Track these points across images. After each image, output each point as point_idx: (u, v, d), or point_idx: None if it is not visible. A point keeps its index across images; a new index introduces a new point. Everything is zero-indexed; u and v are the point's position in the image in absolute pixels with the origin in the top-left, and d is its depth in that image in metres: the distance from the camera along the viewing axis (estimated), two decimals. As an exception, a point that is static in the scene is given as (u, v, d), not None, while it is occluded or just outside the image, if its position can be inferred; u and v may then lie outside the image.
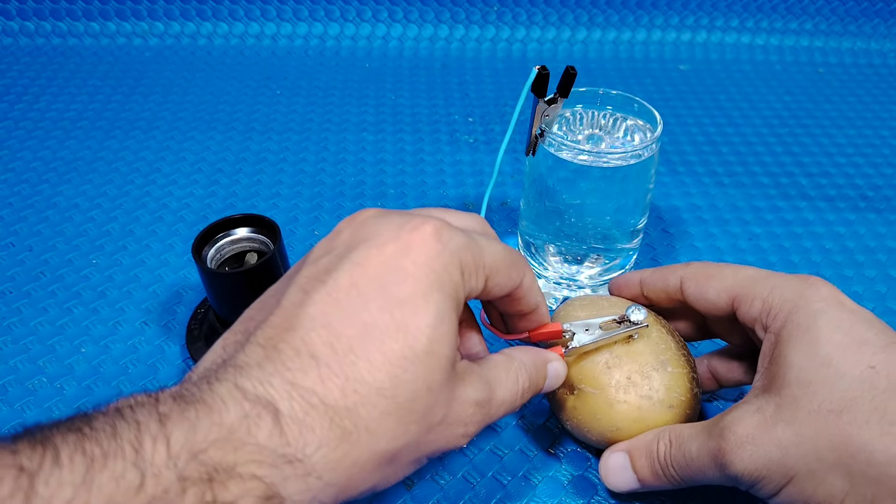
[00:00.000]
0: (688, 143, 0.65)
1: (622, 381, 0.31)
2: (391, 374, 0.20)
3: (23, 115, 0.67)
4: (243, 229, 0.39)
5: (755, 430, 0.26)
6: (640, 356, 0.31)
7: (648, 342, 0.32)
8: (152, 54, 0.79)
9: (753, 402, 0.27)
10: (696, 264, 0.33)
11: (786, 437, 0.25)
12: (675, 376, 0.31)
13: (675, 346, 0.32)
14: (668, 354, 0.32)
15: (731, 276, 0.31)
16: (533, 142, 0.39)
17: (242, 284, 0.36)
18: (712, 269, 0.32)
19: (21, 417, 0.38)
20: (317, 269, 0.22)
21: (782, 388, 0.26)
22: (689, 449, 0.28)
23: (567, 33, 0.84)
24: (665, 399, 0.31)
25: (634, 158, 0.37)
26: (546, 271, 0.43)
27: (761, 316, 0.29)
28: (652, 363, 0.31)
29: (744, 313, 0.29)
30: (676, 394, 0.31)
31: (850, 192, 0.58)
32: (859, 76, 0.79)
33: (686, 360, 0.32)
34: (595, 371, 0.31)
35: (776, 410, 0.26)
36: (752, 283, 0.29)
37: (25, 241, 0.51)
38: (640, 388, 0.31)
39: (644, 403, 0.31)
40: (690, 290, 0.32)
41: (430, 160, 0.62)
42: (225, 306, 0.38)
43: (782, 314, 0.28)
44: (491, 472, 0.35)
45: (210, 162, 0.60)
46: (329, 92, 0.73)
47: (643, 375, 0.31)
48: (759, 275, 0.30)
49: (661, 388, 0.31)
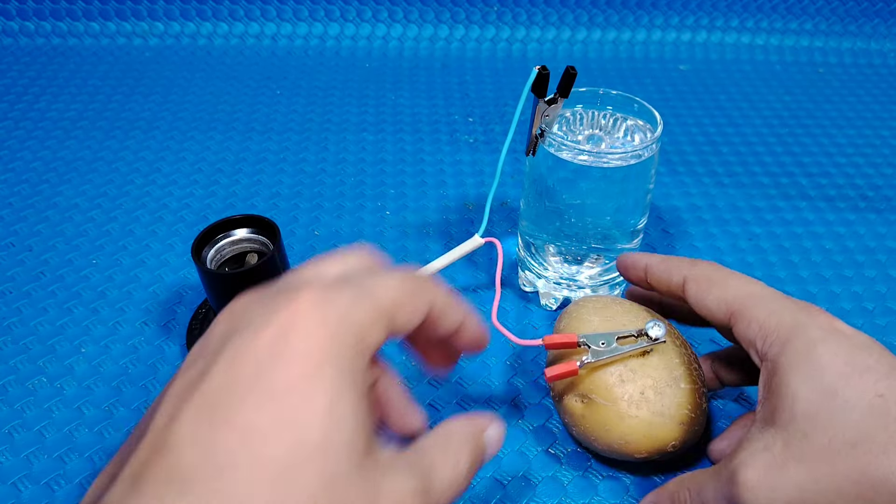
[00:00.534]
0: (688, 143, 0.65)
1: (635, 396, 0.31)
2: (278, 484, 0.17)
3: (23, 115, 0.67)
4: (243, 230, 0.39)
5: (766, 472, 0.25)
6: (654, 371, 0.31)
7: (663, 357, 0.32)
8: (152, 54, 0.79)
9: (759, 439, 0.26)
10: (703, 266, 0.32)
11: (800, 476, 0.24)
12: (687, 392, 0.31)
13: (688, 361, 0.32)
14: (682, 370, 0.32)
15: (732, 289, 0.30)
16: (533, 142, 0.39)
17: (242, 285, 0.36)
18: (717, 276, 0.31)
19: (21, 417, 0.38)
20: (189, 377, 0.19)
21: (788, 422, 0.25)
22: (705, 496, 0.27)
23: (567, 33, 0.84)
24: (676, 416, 0.31)
25: (634, 158, 0.37)
26: (546, 271, 0.43)
27: (757, 340, 0.28)
28: (666, 379, 0.31)
29: (740, 332, 0.29)
30: (687, 410, 0.31)
31: (850, 192, 0.58)
32: (859, 76, 0.79)
33: (697, 375, 0.32)
34: (608, 383, 0.31)
35: (785, 448, 0.25)
36: (751, 303, 0.29)
37: (25, 241, 0.51)
38: (653, 405, 0.31)
39: (656, 420, 0.31)
40: (692, 292, 0.31)
41: (430, 160, 0.62)
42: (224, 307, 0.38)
43: (779, 341, 0.27)
44: (490, 473, 0.35)
45: (210, 162, 0.60)
46: (329, 92, 0.73)
47: (657, 391, 0.31)
48: (761, 294, 0.29)
49: (673, 404, 0.31)
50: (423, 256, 0.49)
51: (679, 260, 0.33)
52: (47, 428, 0.37)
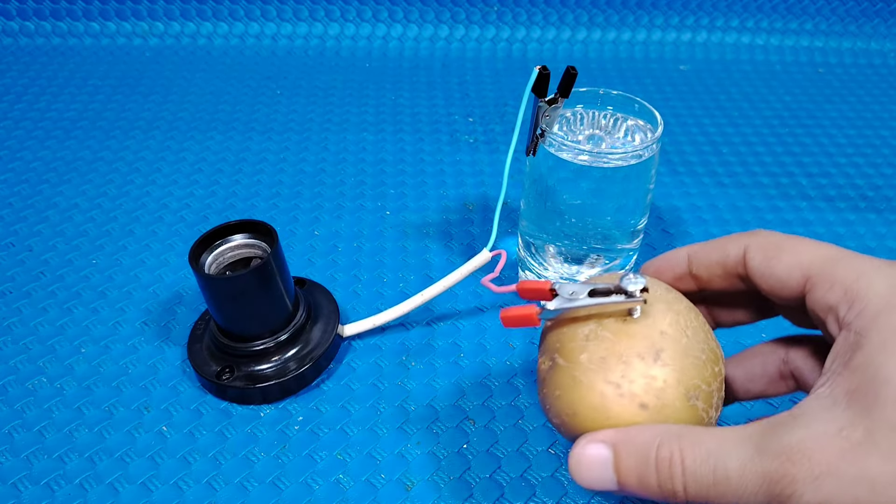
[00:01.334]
0: (688, 143, 0.65)
1: (593, 360, 0.25)
2: None
3: (23, 115, 0.67)
4: (240, 236, 0.38)
5: (838, 459, 0.20)
6: (629, 338, 0.25)
7: (651, 324, 0.25)
8: (152, 54, 0.79)
9: (830, 420, 0.21)
10: (765, 233, 0.26)
11: (881, 474, 0.20)
12: (667, 373, 0.24)
13: (689, 343, 0.25)
14: (670, 346, 0.25)
15: (808, 251, 0.25)
16: (533, 142, 0.39)
17: (239, 290, 0.36)
18: (785, 240, 0.26)
19: (21, 417, 0.38)
20: None
21: (873, 407, 0.21)
22: (723, 466, 0.22)
23: (567, 33, 0.84)
24: (638, 394, 0.24)
25: (635, 159, 0.37)
26: (546, 271, 0.43)
27: (840, 306, 0.23)
28: (639, 349, 0.25)
29: (817, 298, 0.24)
30: (657, 393, 0.24)
31: (850, 193, 0.58)
32: (859, 76, 0.79)
33: (698, 365, 0.25)
34: (574, 339, 0.26)
35: (867, 436, 0.20)
36: (833, 264, 0.24)
37: (25, 241, 0.51)
38: (611, 373, 0.24)
39: (609, 391, 0.24)
40: (756, 262, 0.26)
41: (430, 160, 0.62)
42: (221, 313, 0.38)
43: (870, 310, 0.22)
44: (490, 473, 0.35)
45: (210, 162, 0.60)
46: (329, 92, 0.73)
47: (620, 359, 0.24)
48: (842, 255, 0.24)
49: (639, 379, 0.24)
50: (423, 256, 0.49)
51: (729, 236, 0.28)
52: (47, 428, 0.37)
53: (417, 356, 0.42)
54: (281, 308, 0.38)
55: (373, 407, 0.39)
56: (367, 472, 0.35)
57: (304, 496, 0.34)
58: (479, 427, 0.37)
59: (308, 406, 0.39)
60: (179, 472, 0.35)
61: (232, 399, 0.38)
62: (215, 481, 0.35)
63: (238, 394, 0.38)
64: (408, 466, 0.35)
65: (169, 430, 0.37)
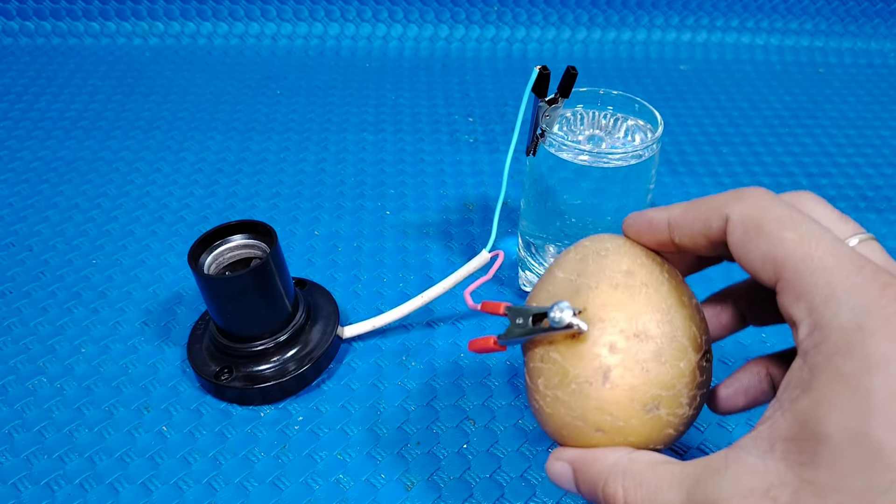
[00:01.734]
0: (688, 143, 0.65)
1: (550, 386, 0.25)
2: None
3: (23, 115, 0.67)
4: (239, 236, 0.38)
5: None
6: (578, 360, 0.24)
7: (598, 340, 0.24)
8: (152, 54, 0.79)
9: (762, 474, 0.20)
10: (754, 196, 0.23)
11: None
12: (617, 394, 0.23)
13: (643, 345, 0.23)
14: (620, 361, 0.23)
15: (785, 244, 0.22)
16: (533, 142, 0.39)
17: (238, 290, 0.36)
18: (767, 216, 0.22)
19: (21, 417, 0.38)
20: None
21: (806, 467, 0.19)
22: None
23: (567, 33, 0.84)
24: (592, 422, 0.24)
25: (635, 159, 0.37)
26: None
27: (801, 326, 0.21)
28: (587, 373, 0.23)
29: (784, 305, 0.22)
30: (610, 417, 0.23)
31: (850, 193, 0.58)
32: (859, 76, 0.79)
33: (659, 367, 0.23)
34: (532, 360, 0.26)
35: (793, 500, 0.19)
36: (805, 271, 0.21)
37: (25, 241, 0.51)
38: (564, 404, 0.24)
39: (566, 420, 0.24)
40: (734, 238, 0.23)
41: (430, 160, 0.62)
42: (221, 314, 0.38)
43: (827, 348, 0.20)
44: (490, 473, 0.35)
45: (210, 162, 0.60)
46: (329, 92, 0.73)
47: (570, 387, 0.24)
48: (821, 257, 0.21)
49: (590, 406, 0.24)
50: (422, 256, 0.49)
51: (714, 198, 0.24)
52: (47, 428, 0.37)
53: (417, 356, 0.42)
54: (280, 308, 0.38)
55: (373, 407, 0.39)
56: (367, 472, 0.35)
57: (304, 496, 0.34)
58: (479, 427, 0.37)
59: (308, 406, 0.39)
60: (179, 472, 0.35)
61: (231, 399, 0.38)
62: (215, 481, 0.35)
63: (237, 394, 0.38)
64: (408, 466, 0.35)
65: (169, 430, 0.37)
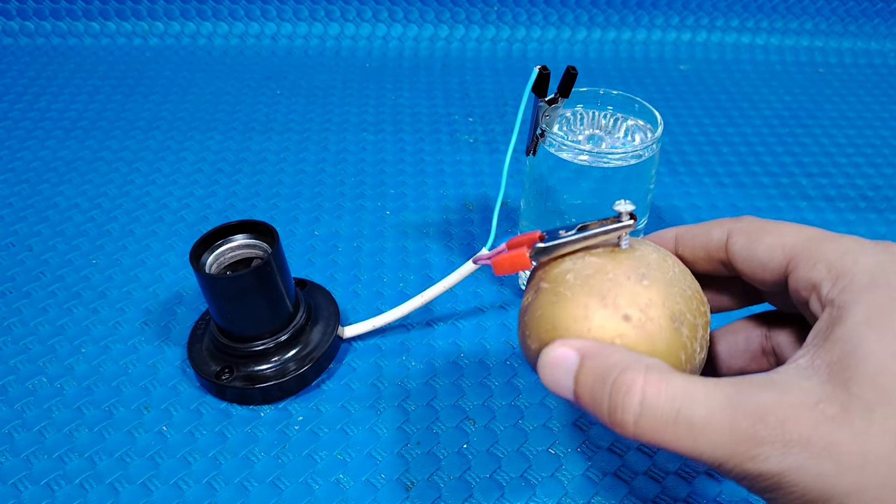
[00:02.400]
0: (688, 143, 0.65)
1: (580, 277, 0.24)
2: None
3: (23, 115, 0.67)
4: (241, 236, 0.38)
5: (811, 431, 0.19)
6: (617, 263, 0.25)
7: (638, 255, 0.25)
8: (152, 54, 0.79)
9: (808, 390, 0.20)
10: (750, 218, 0.26)
11: (850, 453, 0.19)
12: (652, 293, 0.24)
13: (675, 277, 0.25)
14: (655, 273, 0.24)
15: (791, 233, 0.24)
16: (533, 142, 0.39)
17: (240, 290, 0.36)
18: (768, 224, 0.25)
19: (21, 417, 0.38)
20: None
21: (851, 383, 0.20)
22: (688, 409, 0.20)
23: (567, 33, 0.84)
24: (623, 307, 0.23)
25: (635, 159, 0.37)
26: (546, 271, 0.43)
27: (823, 283, 0.22)
28: (626, 271, 0.24)
29: (800, 277, 0.23)
30: (641, 308, 0.23)
31: (850, 193, 0.58)
32: (859, 76, 0.79)
33: (683, 297, 0.25)
34: (558, 267, 0.25)
35: (842, 412, 0.20)
36: (818, 243, 0.24)
37: (25, 241, 0.51)
38: (595, 288, 0.24)
39: (592, 302, 0.23)
40: (738, 245, 0.26)
41: (430, 160, 0.62)
42: (222, 313, 0.38)
43: (854, 286, 0.21)
44: (490, 473, 0.35)
45: (210, 162, 0.60)
46: (329, 92, 0.73)
47: (606, 276, 0.24)
48: (827, 235, 0.24)
49: (624, 294, 0.24)
50: (422, 256, 0.49)
51: (716, 220, 0.28)
52: (47, 428, 0.37)
53: (417, 356, 0.42)
54: (281, 308, 0.38)
55: (373, 407, 0.39)
56: (367, 472, 0.35)
57: (304, 496, 0.34)
58: (479, 427, 0.37)
59: (308, 406, 0.39)
60: (179, 472, 0.35)
61: (232, 399, 0.38)
62: (215, 481, 0.35)
63: (238, 394, 0.38)
64: (408, 466, 0.35)
65: (169, 430, 0.37)
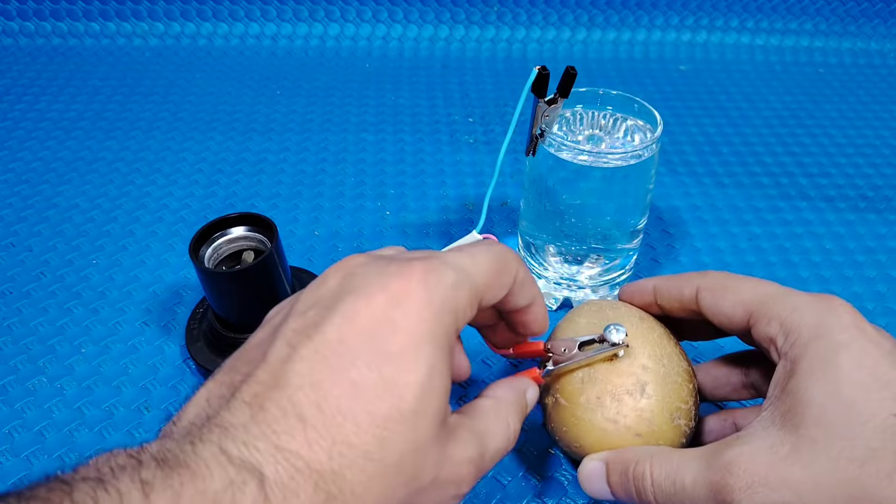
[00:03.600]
0: (688, 143, 0.65)
1: (591, 400, 0.30)
2: (378, 435, 0.20)
3: (23, 116, 0.67)
4: (240, 228, 0.39)
5: (768, 469, 0.24)
6: (618, 377, 0.30)
7: (633, 361, 0.30)
8: (152, 54, 0.79)
9: (765, 438, 0.25)
10: (714, 274, 0.31)
11: (803, 481, 0.23)
12: (654, 404, 0.29)
13: (667, 371, 0.30)
14: (653, 379, 0.30)
15: (749, 291, 0.29)
16: (533, 142, 0.39)
17: (239, 283, 0.36)
18: (730, 281, 0.30)
19: (21, 418, 0.38)
20: (304, 322, 0.21)
21: (799, 426, 0.24)
22: (680, 478, 0.26)
23: (567, 33, 0.84)
24: (633, 426, 0.29)
25: (634, 159, 0.37)
26: (546, 271, 0.43)
27: (778, 338, 0.27)
28: (628, 386, 0.30)
29: (760, 332, 0.28)
30: (647, 423, 0.29)
31: (850, 193, 0.58)
32: (859, 76, 0.79)
33: (677, 389, 0.30)
34: (571, 384, 0.31)
35: (792, 452, 0.24)
36: (771, 301, 0.28)
37: (25, 241, 0.51)
38: (607, 411, 0.29)
39: (608, 427, 0.29)
40: (706, 301, 0.30)
41: (430, 160, 0.62)
42: (223, 306, 0.38)
43: (801, 341, 0.26)
44: (491, 473, 0.35)
45: (210, 162, 0.60)
46: (329, 92, 0.73)
47: (614, 398, 0.30)
48: (779, 292, 0.28)
49: (631, 413, 0.29)
50: (423, 256, 0.49)
51: (687, 274, 0.32)
52: (47, 428, 0.37)
53: (417, 356, 0.42)
54: (283, 299, 0.38)
55: (373, 407, 0.39)
56: (366, 472, 0.35)
57: (303, 496, 0.34)
58: (478, 427, 0.38)
59: (308, 406, 0.39)
60: (179, 472, 0.35)
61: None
62: (215, 481, 0.35)
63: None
64: (408, 466, 0.35)
65: (169, 430, 0.37)
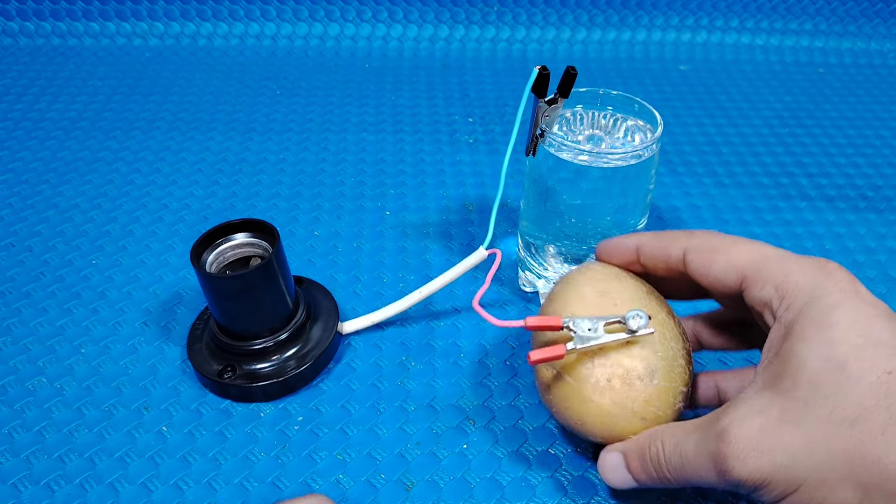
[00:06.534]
0: (688, 143, 0.65)
1: (601, 382, 0.30)
2: None
3: (23, 116, 0.67)
4: (242, 234, 0.38)
5: (759, 433, 0.24)
6: (629, 361, 0.30)
7: (645, 346, 0.30)
8: (152, 54, 0.79)
9: (755, 402, 0.25)
10: (702, 234, 0.30)
11: (794, 442, 0.24)
12: (661, 390, 0.30)
13: (674, 355, 0.30)
14: (662, 364, 0.30)
15: (742, 253, 0.28)
16: (533, 142, 0.39)
17: (241, 289, 0.36)
18: (720, 242, 0.29)
19: (21, 417, 0.38)
20: None
21: (790, 388, 0.24)
22: (685, 450, 0.27)
23: (567, 33, 0.84)
24: (639, 411, 0.29)
25: (634, 159, 0.37)
26: (546, 271, 0.43)
27: (772, 302, 0.27)
28: (639, 371, 0.29)
29: (753, 296, 0.28)
30: (654, 408, 0.30)
31: (850, 193, 0.58)
32: (859, 76, 0.79)
33: (681, 372, 0.30)
34: (581, 362, 0.30)
35: (782, 413, 0.24)
36: (765, 264, 0.27)
37: (25, 242, 0.51)
38: (617, 395, 0.29)
39: (616, 411, 0.30)
40: (695, 263, 0.30)
41: (430, 160, 0.62)
42: (223, 312, 0.38)
43: (796, 304, 0.26)
44: (491, 473, 0.35)
45: (210, 162, 0.60)
46: (329, 92, 0.73)
47: (625, 382, 0.29)
48: (773, 254, 0.28)
49: (640, 398, 0.29)
50: (422, 257, 0.49)
51: (673, 233, 0.31)
52: (47, 428, 0.37)
53: (417, 356, 0.42)
54: (282, 307, 0.38)
55: (373, 407, 0.39)
56: (367, 472, 0.35)
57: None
58: (479, 427, 0.38)
59: (308, 406, 0.39)
60: (179, 472, 0.35)
61: (234, 397, 0.38)
62: (215, 481, 0.35)
63: (239, 392, 0.38)
64: (408, 466, 0.35)
65: (169, 431, 0.37)
